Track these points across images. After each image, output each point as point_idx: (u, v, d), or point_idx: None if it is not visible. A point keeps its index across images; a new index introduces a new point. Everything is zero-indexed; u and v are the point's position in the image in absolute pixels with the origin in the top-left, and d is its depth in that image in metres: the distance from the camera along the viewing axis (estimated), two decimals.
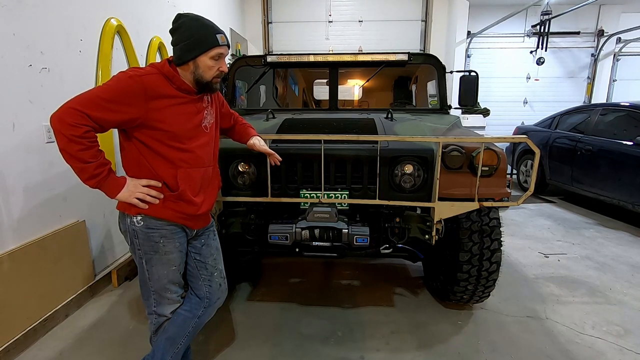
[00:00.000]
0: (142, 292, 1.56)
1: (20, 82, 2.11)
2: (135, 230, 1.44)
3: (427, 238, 2.04)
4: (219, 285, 1.69)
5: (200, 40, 1.37)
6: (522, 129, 6.14)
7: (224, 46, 1.42)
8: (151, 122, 1.35)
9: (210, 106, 1.56)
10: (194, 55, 1.38)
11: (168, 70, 1.38)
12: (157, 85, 1.35)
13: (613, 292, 2.78)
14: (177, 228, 1.50)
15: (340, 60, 2.91)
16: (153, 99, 1.33)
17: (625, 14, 7.16)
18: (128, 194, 1.37)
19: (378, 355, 2.05)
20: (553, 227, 4.28)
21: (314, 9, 7.41)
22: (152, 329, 1.59)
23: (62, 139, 1.23)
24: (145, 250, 1.47)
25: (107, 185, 1.35)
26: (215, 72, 1.43)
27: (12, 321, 2.04)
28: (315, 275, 3.02)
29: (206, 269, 1.66)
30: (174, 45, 1.42)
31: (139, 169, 1.42)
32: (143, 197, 1.39)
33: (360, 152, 1.99)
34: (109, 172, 1.35)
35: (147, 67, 1.40)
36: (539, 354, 2.07)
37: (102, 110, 1.27)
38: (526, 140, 1.85)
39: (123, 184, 1.37)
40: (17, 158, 2.10)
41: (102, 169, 1.32)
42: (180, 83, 1.40)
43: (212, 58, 1.40)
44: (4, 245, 2.03)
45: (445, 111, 3.07)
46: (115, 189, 1.36)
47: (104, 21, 2.81)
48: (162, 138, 1.38)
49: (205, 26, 1.40)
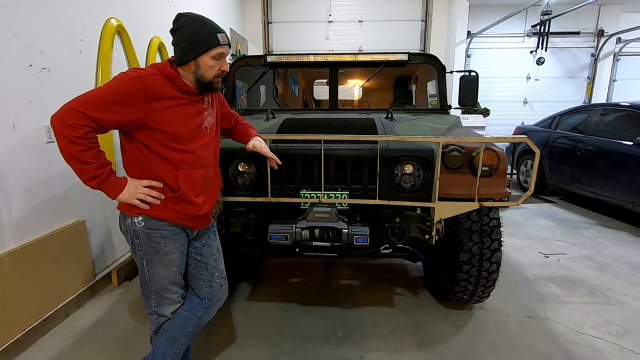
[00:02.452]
0: (142, 292, 1.56)
1: (20, 82, 2.11)
2: (136, 231, 1.44)
3: (427, 238, 2.04)
4: (220, 285, 1.69)
5: (201, 40, 1.37)
6: (522, 129, 6.14)
7: (225, 45, 1.42)
8: (152, 123, 1.34)
9: (211, 107, 1.55)
10: (195, 55, 1.37)
11: (169, 72, 1.37)
12: (158, 86, 1.34)
13: (613, 292, 2.78)
14: (178, 229, 1.50)
15: (340, 60, 2.92)
16: (154, 100, 1.33)
17: (625, 14, 7.16)
18: (129, 194, 1.37)
19: (378, 355, 2.05)
20: (553, 227, 4.28)
21: (314, 9, 7.41)
22: (152, 329, 1.60)
23: (62, 139, 1.23)
24: (146, 251, 1.47)
25: (108, 186, 1.34)
26: (216, 71, 1.43)
27: (12, 321, 2.04)
28: (315, 275, 3.02)
29: (207, 270, 1.65)
30: (174, 46, 1.41)
31: (140, 170, 1.41)
32: (144, 197, 1.39)
33: (360, 152, 1.99)
34: (110, 172, 1.34)
35: (149, 68, 1.40)
36: (539, 354, 2.07)
37: (102, 111, 1.26)
38: (526, 140, 1.84)
39: (124, 184, 1.37)
40: (17, 158, 2.10)
41: (103, 170, 1.31)
42: (182, 84, 1.39)
43: (214, 58, 1.40)
44: (4, 245, 2.03)
45: (445, 111, 3.07)
46: (116, 189, 1.36)
47: (104, 21, 2.81)
48: (163, 139, 1.38)
49: (206, 25, 1.39)
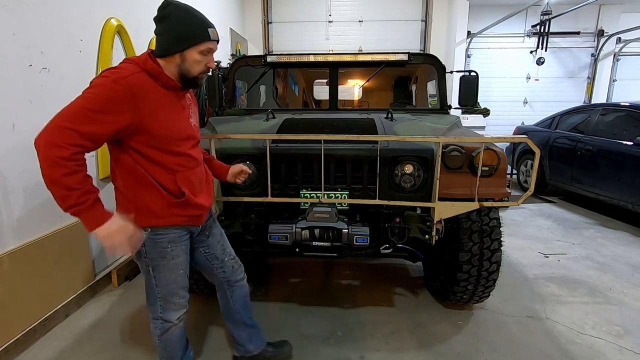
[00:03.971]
0: (147, 297, 1.53)
1: (20, 82, 2.11)
2: (142, 239, 1.39)
3: (427, 238, 2.04)
4: (232, 267, 1.74)
5: (190, 32, 1.29)
6: (522, 129, 6.14)
7: (215, 41, 1.36)
8: (143, 126, 1.26)
9: (193, 104, 1.53)
10: (183, 47, 1.30)
11: (152, 67, 1.29)
12: (144, 84, 1.25)
13: (613, 292, 2.78)
14: (184, 231, 1.49)
15: (340, 60, 2.91)
16: (142, 101, 1.24)
17: (625, 14, 7.16)
18: (107, 233, 1.19)
19: (378, 355, 2.05)
20: (553, 227, 4.28)
21: (314, 9, 7.41)
22: (156, 333, 1.56)
23: (45, 161, 1.08)
24: (152, 257, 1.43)
25: (88, 215, 1.17)
26: (202, 67, 1.36)
27: (12, 321, 2.04)
28: (315, 275, 3.02)
29: (217, 258, 1.69)
30: (158, 35, 1.33)
31: (135, 180, 1.33)
32: (121, 243, 1.22)
33: (360, 152, 1.99)
34: (95, 201, 1.18)
35: (127, 65, 1.28)
36: (539, 354, 2.07)
37: (91, 123, 1.14)
38: (526, 140, 1.84)
39: (107, 218, 1.20)
40: (17, 158, 2.10)
41: (87, 197, 1.15)
42: (167, 79, 1.32)
43: (202, 53, 1.33)
44: (4, 245, 2.03)
45: (445, 111, 3.07)
46: (96, 221, 1.18)
47: (104, 21, 2.81)
48: (157, 143, 1.31)
49: (197, 18, 1.32)
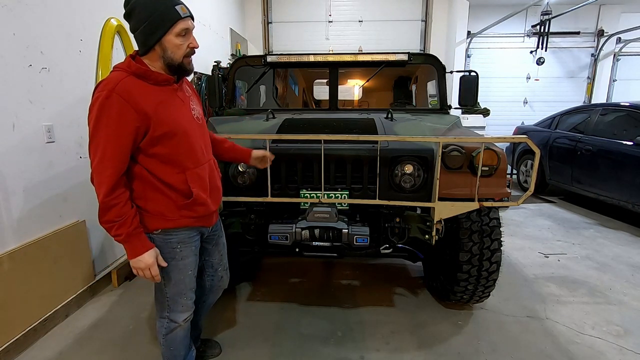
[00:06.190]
0: (156, 297, 1.55)
1: (20, 82, 2.11)
2: (152, 238, 1.39)
3: (427, 238, 2.04)
4: (221, 277, 1.79)
5: (158, 18, 1.24)
6: (522, 129, 6.14)
7: (188, 18, 1.29)
8: (146, 127, 1.26)
9: (193, 96, 1.51)
10: (158, 36, 1.25)
11: (137, 68, 1.26)
12: (132, 88, 1.24)
13: (613, 292, 2.78)
14: (194, 232, 1.49)
15: (340, 60, 2.91)
16: (139, 104, 1.23)
17: (625, 14, 7.15)
18: (150, 260, 1.33)
19: (378, 355, 2.05)
20: (553, 227, 4.28)
21: (314, 9, 7.41)
22: (162, 332, 1.57)
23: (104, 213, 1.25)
24: (162, 257, 1.43)
25: (134, 241, 1.30)
26: (185, 49, 1.31)
27: (12, 321, 2.04)
28: (315, 275, 3.02)
29: (212, 267, 1.74)
30: (133, 32, 1.29)
31: (142, 184, 1.34)
32: (150, 272, 1.35)
33: (360, 152, 1.99)
34: (139, 227, 1.31)
35: (116, 74, 1.27)
36: (539, 354, 2.07)
37: (118, 154, 1.23)
38: (526, 140, 1.84)
39: (150, 247, 1.34)
40: (17, 158, 2.10)
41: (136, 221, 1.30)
42: (156, 76, 1.29)
43: (179, 35, 1.27)
44: (4, 245, 2.03)
45: (445, 111, 3.07)
46: (142, 248, 1.31)
47: (104, 21, 2.80)
48: (161, 142, 1.30)
49: (160, 1, 1.25)
